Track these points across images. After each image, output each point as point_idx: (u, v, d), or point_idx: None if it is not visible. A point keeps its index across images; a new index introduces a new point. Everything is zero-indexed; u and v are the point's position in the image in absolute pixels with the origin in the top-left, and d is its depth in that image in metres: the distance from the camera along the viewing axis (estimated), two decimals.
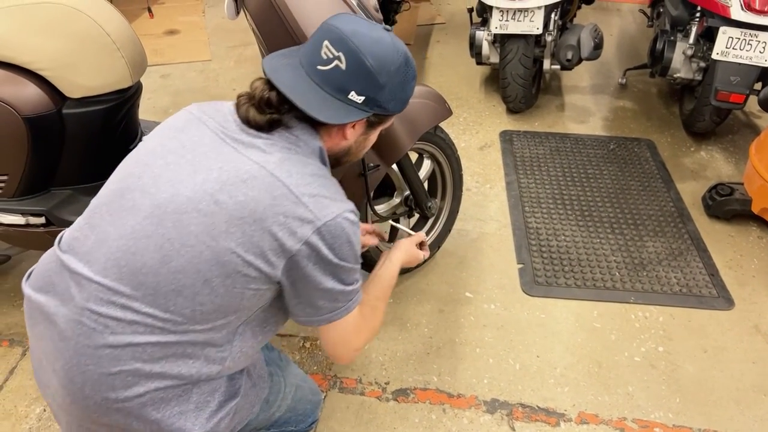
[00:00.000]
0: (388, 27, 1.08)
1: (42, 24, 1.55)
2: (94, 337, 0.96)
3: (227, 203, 0.96)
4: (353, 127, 1.11)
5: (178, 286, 0.96)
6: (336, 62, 1.04)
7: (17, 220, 1.68)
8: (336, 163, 1.19)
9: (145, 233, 0.97)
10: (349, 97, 1.06)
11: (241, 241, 0.96)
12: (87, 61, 1.60)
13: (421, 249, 1.53)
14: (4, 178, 1.62)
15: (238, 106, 1.06)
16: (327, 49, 1.05)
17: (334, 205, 1.01)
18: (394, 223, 1.57)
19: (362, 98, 1.06)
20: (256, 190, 0.97)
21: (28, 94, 1.55)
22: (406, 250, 1.45)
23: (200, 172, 0.99)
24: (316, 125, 1.08)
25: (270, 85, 1.04)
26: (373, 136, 1.20)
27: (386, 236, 1.63)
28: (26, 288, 1.07)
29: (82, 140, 1.66)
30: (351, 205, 1.05)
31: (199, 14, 4.18)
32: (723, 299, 2.11)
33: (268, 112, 1.03)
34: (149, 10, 4.11)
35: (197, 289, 0.96)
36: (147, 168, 1.02)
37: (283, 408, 1.33)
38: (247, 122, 1.04)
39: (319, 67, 1.05)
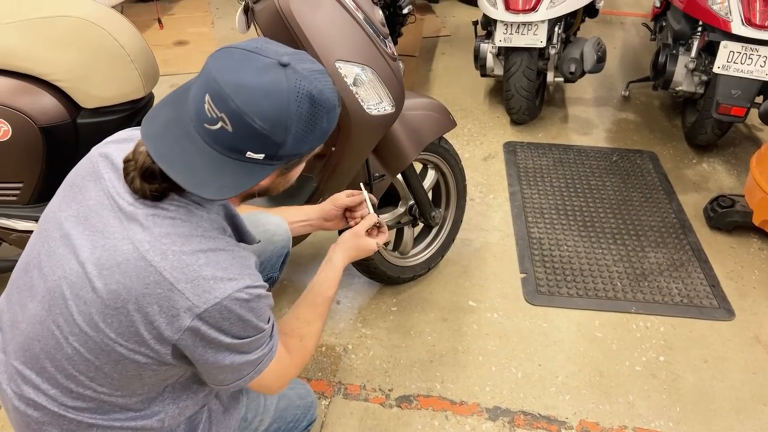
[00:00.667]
0: (284, 61, 0.88)
1: (59, 36, 1.60)
2: (21, 413, 0.99)
3: (102, 291, 0.89)
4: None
5: (73, 372, 0.94)
6: (221, 123, 0.86)
7: (31, 226, 1.72)
8: (256, 196, 1.05)
9: (39, 319, 0.95)
10: (247, 156, 0.89)
11: (119, 331, 0.90)
12: (102, 72, 1.65)
13: (378, 233, 1.39)
14: (20, 185, 1.66)
15: (125, 172, 0.93)
16: (209, 106, 0.86)
17: (219, 288, 0.89)
18: (365, 191, 1.42)
19: (262, 155, 0.89)
20: (128, 277, 0.88)
21: (44, 104, 1.60)
22: (350, 246, 1.31)
23: (85, 249, 0.91)
24: None
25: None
26: (297, 172, 1.04)
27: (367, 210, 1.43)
28: None
29: None
30: (245, 281, 0.92)
31: (208, 25, 4.25)
32: (724, 310, 2.13)
33: (153, 182, 0.91)
34: (159, 22, 4.18)
35: (91, 375, 0.94)
36: (46, 242, 0.98)
37: (267, 421, 1.29)
38: (134, 192, 0.92)
39: (206, 126, 0.87)
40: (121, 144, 1.00)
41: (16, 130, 1.57)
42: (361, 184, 1.46)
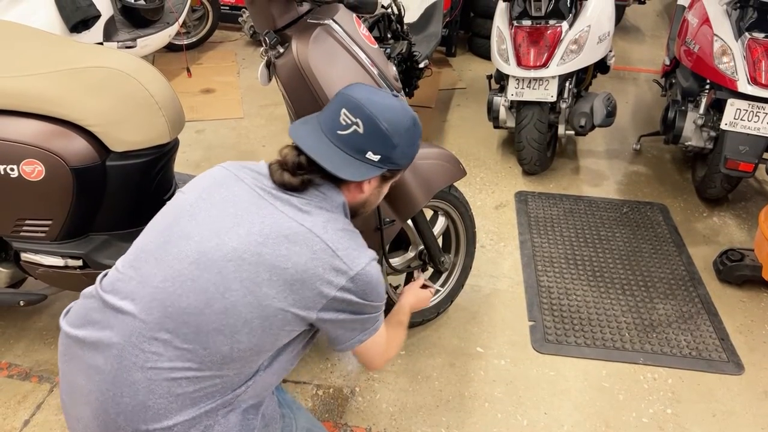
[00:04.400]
0: (395, 93, 1.22)
1: (94, 85, 1.72)
2: (134, 371, 1.05)
3: (270, 255, 1.08)
4: (369, 182, 1.25)
5: (220, 325, 1.06)
6: (354, 127, 1.19)
7: (57, 261, 1.80)
8: (354, 214, 1.31)
9: (190, 277, 1.07)
10: (367, 156, 1.20)
11: (282, 289, 1.08)
12: (132, 118, 1.75)
13: (425, 288, 1.70)
14: (49, 222, 1.75)
15: (272, 173, 1.19)
16: (345, 116, 1.19)
17: (362, 256, 1.16)
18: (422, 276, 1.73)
19: (378, 157, 1.21)
20: (298, 245, 1.10)
21: (76, 147, 1.71)
22: (412, 294, 1.64)
23: (243, 225, 1.11)
24: (338, 182, 1.21)
25: (298, 150, 1.19)
26: (385, 189, 1.35)
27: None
28: (64, 324, 1.16)
29: (121, 190, 1.80)
30: (373, 253, 1.19)
31: (234, 75, 4.44)
32: (733, 364, 2.13)
33: (300, 173, 1.17)
34: (188, 70, 4.38)
35: (237, 329, 1.07)
36: (192, 218, 1.14)
37: None
38: (283, 185, 1.17)
39: (339, 132, 1.20)
40: (246, 164, 1.26)
41: (49, 170, 1.67)
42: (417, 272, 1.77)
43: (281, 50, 1.55)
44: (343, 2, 1.52)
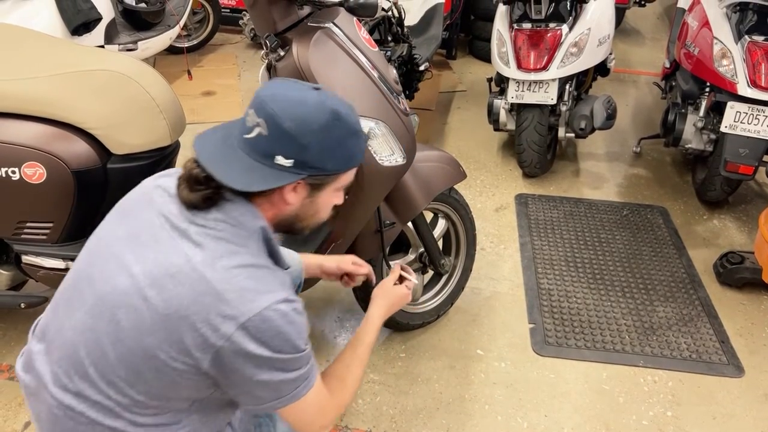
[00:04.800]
0: (316, 86, 1.06)
1: (96, 88, 1.72)
2: (59, 421, 1.04)
3: (155, 299, 0.97)
4: (294, 190, 1.06)
5: (114, 377, 1.00)
6: (258, 128, 1.01)
7: (58, 264, 1.81)
8: (289, 230, 1.15)
9: (87, 326, 1.01)
10: (276, 161, 1.01)
11: (164, 337, 0.97)
12: (133, 121, 1.76)
13: (401, 282, 1.48)
14: (50, 225, 1.75)
15: (177, 186, 1.05)
16: (251, 117, 1.02)
17: (261, 298, 0.97)
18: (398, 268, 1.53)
19: (290, 161, 1.02)
20: (180, 286, 0.96)
21: (77, 150, 1.71)
22: (383, 296, 1.41)
23: (138, 263, 1.00)
24: (252, 198, 1.05)
25: (198, 161, 1.03)
26: (324, 199, 1.12)
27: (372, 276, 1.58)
28: (18, 367, 1.15)
29: (122, 193, 1.77)
30: (283, 294, 1.00)
31: (235, 77, 4.44)
32: (733, 366, 2.13)
33: (198, 189, 1.01)
34: (189, 73, 4.39)
35: (131, 381, 1.00)
36: (96, 258, 1.07)
37: None
38: (184, 203, 1.03)
39: (245, 136, 1.03)
40: (166, 181, 1.11)
41: (50, 173, 1.68)
42: (397, 263, 1.58)
43: (282, 53, 1.55)
44: (343, 5, 1.53)
